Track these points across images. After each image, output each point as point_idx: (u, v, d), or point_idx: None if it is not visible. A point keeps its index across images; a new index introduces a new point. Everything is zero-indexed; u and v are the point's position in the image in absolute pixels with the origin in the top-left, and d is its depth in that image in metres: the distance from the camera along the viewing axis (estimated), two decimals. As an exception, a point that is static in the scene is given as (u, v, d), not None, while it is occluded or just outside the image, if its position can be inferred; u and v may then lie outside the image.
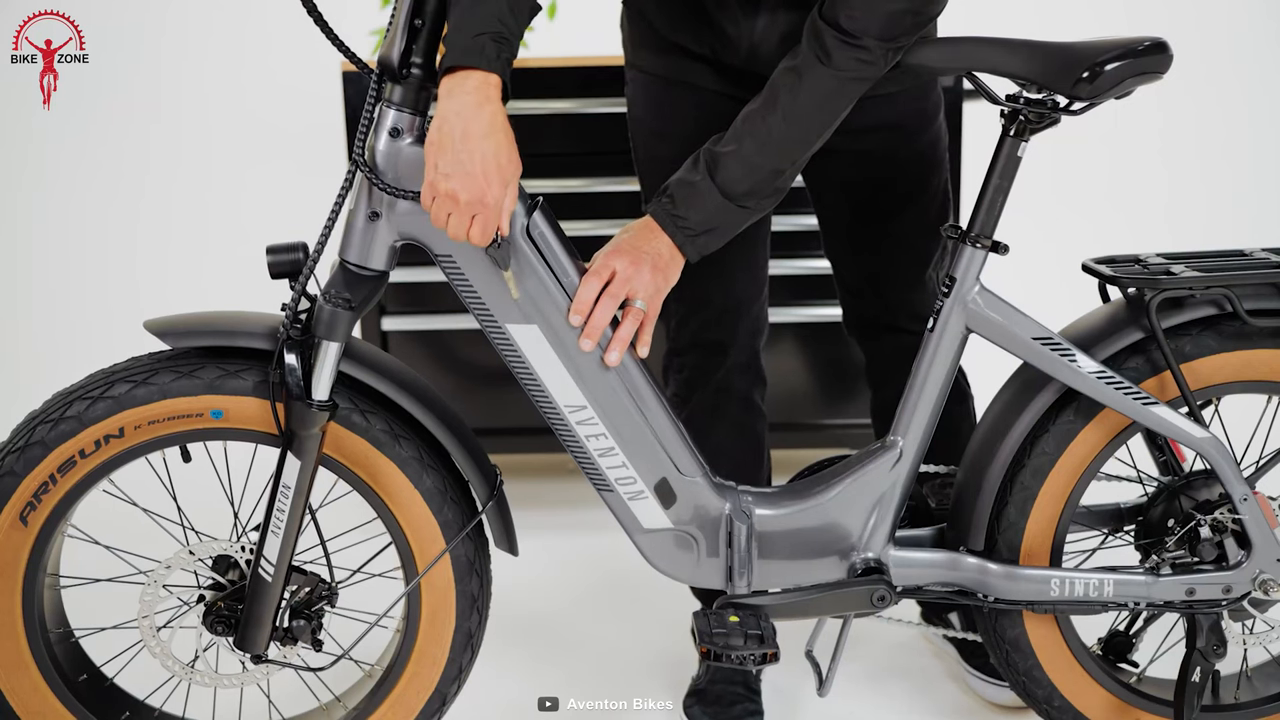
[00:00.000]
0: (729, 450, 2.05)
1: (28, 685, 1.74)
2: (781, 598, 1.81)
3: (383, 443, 1.72)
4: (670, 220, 1.70)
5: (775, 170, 1.70)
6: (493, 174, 1.51)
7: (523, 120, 2.87)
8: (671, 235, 1.70)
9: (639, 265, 1.67)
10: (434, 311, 2.95)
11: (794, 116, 1.68)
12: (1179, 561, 1.82)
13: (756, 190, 1.70)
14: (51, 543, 1.72)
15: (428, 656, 1.80)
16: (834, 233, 2.10)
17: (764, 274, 2.10)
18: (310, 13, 1.59)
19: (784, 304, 2.80)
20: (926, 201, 2.02)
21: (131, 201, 4.28)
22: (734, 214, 1.71)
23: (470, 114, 1.50)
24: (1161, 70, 1.64)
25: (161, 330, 1.68)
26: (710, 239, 1.71)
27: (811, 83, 1.67)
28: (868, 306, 2.12)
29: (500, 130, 1.52)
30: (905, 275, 2.04)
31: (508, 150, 1.53)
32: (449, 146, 1.50)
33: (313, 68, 3.54)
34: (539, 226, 1.64)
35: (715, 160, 1.70)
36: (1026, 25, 2.21)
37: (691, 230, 1.70)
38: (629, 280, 1.66)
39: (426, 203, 1.53)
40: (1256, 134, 4.36)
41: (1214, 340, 1.78)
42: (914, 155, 2.00)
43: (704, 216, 1.69)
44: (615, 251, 1.68)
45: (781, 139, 1.69)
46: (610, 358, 1.67)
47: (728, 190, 1.69)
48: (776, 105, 1.68)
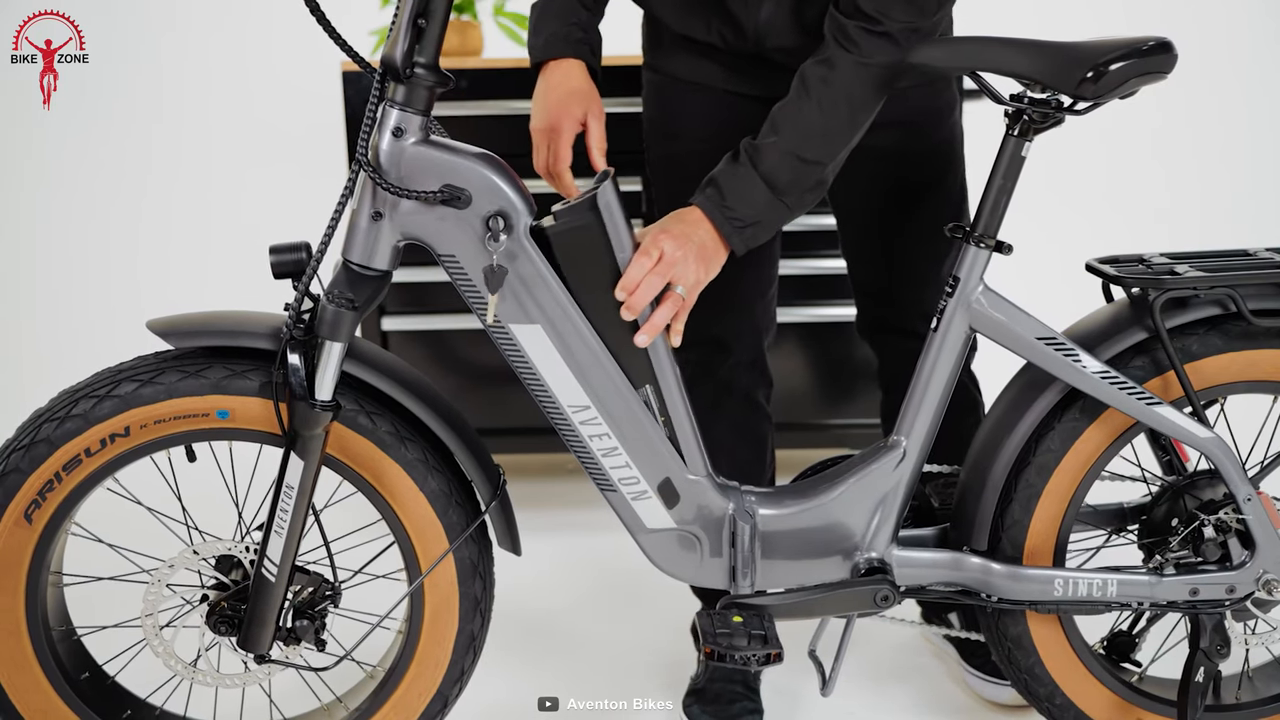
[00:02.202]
0: (729, 448, 2.05)
1: (30, 683, 1.74)
2: (785, 598, 1.81)
3: (388, 444, 1.72)
4: (719, 210, 1.70)
5: (815, 162, 1.71)
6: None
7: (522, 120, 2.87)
8: (719, 226, 1.70)
9: (686, 251, 1.67)
10: (434, 311, 2.96)
11: (830, 107, 1.69)
12: (1182, 561, 1.82)
13: (798, 182, 1.71)
14: (55, 541, 1.72)
15: (430, 658, 1.80)
16: (850, 231, 2.10)
17: (771, 272, 2.10)
18: (313, 12, 1.59)
19: (787, 304, 2.80)
20: (942, 199, 2.02)
21: (132, 201, 4.28)
22: (777, 208, 1.72)
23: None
24: (1166, 70, 1.64)
25: (164, 330, 1.68)
26: (757, 232, 1.72)
27: (843, 72, 1.68)
28: (882, 307, 2.12)
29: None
30: (920, 274, 2.04)
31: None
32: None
33: (313, 67, 3.55)
34: (607, 195, 1.64)
35: (757, 152, 1.71)
36: (1027, 25, 2.22)
37: (740, 221, 1.70)
38: (675, 264, 1.66)
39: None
40: (1257, 133, 4.37)
41: (1218, 340, 1.78)
42: (929, 152, 2.01)
43: (751, 209, 1.70)
44: (665, 233, 1.68)
45: (822, 130, 1.70)
46: (640, 339, 1.67)
47: (771, 181, 1.70)
48: (811, 96, 1.70)
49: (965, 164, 2.09)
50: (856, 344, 2.95)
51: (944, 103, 2.02)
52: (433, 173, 1.58)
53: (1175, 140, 4.31)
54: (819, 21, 1.80)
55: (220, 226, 4.23)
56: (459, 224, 1.60)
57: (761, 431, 2.13)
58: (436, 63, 1.57)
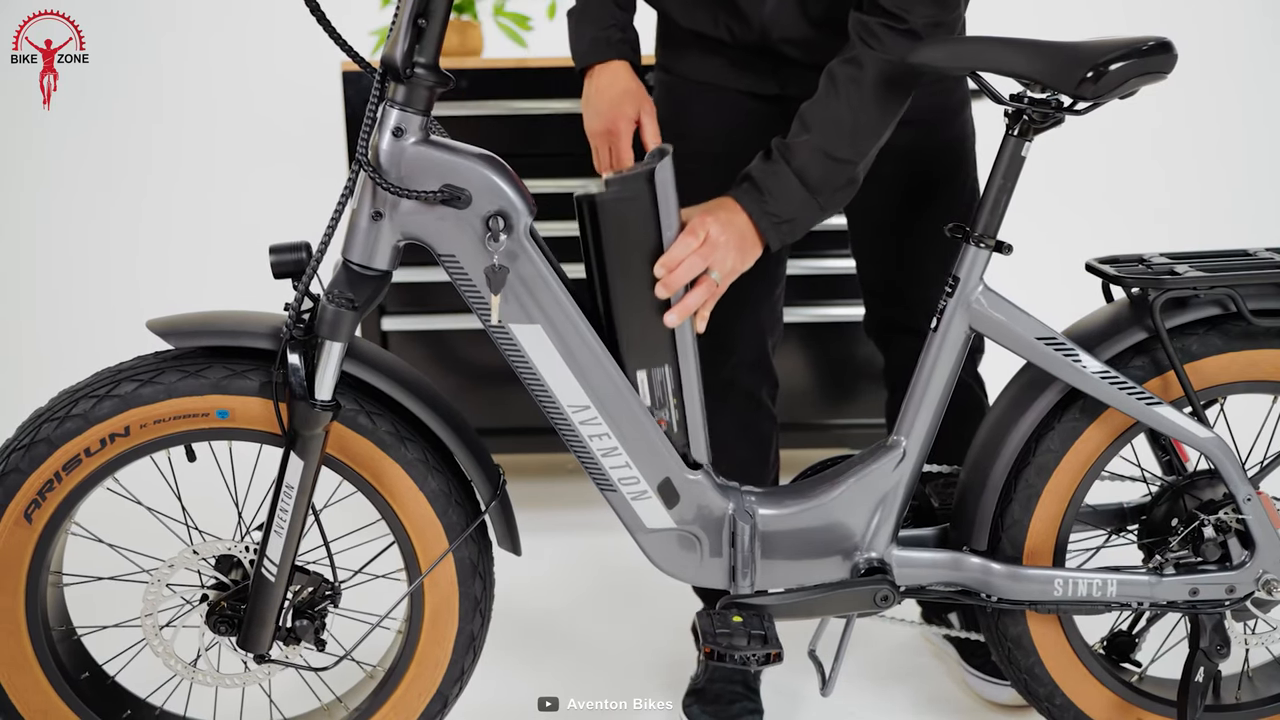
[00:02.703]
0: (730, 446, 2.05)
1: (30, 683, 1.74)
2: (785, 598, 1.81)
3: (388, 444, 1.72)
4: (758, 205, 1.71)
5: (845, 160, 1.72)
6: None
7: (523, 120, 2.89)
8: (756, 220, 1.71)
9: (729, 237, 1.68)
10: (434, 311, 2.96)
11: (859, 105, 1.70)
12: (1182, 561, 1.82)
13: (829, 180, 1.72)
14: (55, 540, 1.72)
15: (430, 658, 1.80)
16: (860, 230, 2.10)
17: (778, 272, 2.10)
18: (313, 12, 1.59)
19: (788, 303, 2.78)
20: (954, 197, 2.02)
21: (132, 201, 4.28)
22: (810, 206, 1.72)
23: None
24: (1166, 70, 1.64)
25: (164, 330, 1.68)
26: (793, 228, 1.73)
27: (871, 71, 1.69)
28: (891, 307, 2.12)
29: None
30: (931, 273, 2.03)
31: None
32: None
33: (313, 67, 3.55)
34: (665, 171, 1.65)
35: (788, 150, 1.71)
36: (1027, 25, 2.21)
37: (777, 218, 1.71)
38: (717, 248, 1.67)
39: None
40: (1256, 133, 4.37)
41: (1218, 340, 1.78)
42: (942, 150, 2.01)
43: (789, 205, 1.71)
44: (712, 216, 1.69)
45: (851, 128, 1.71)
46: (670, 318, 1.67)
47: (804, 177, 1.70)
48: (840, 95, 1.71)
49: (977, 162, 2.09)
50: (857, 344, 2.95)
51: (956, 101, 2.03)
52: (433, 173, 1.58)
53: (1175, 140, 4.31)
54: (825, 13, 1.80)
55: (220, 226, 4.23)
56: (459, 224, 1.61)
57: (764, 431, 2.13)
58: (436, 63, 1.57)
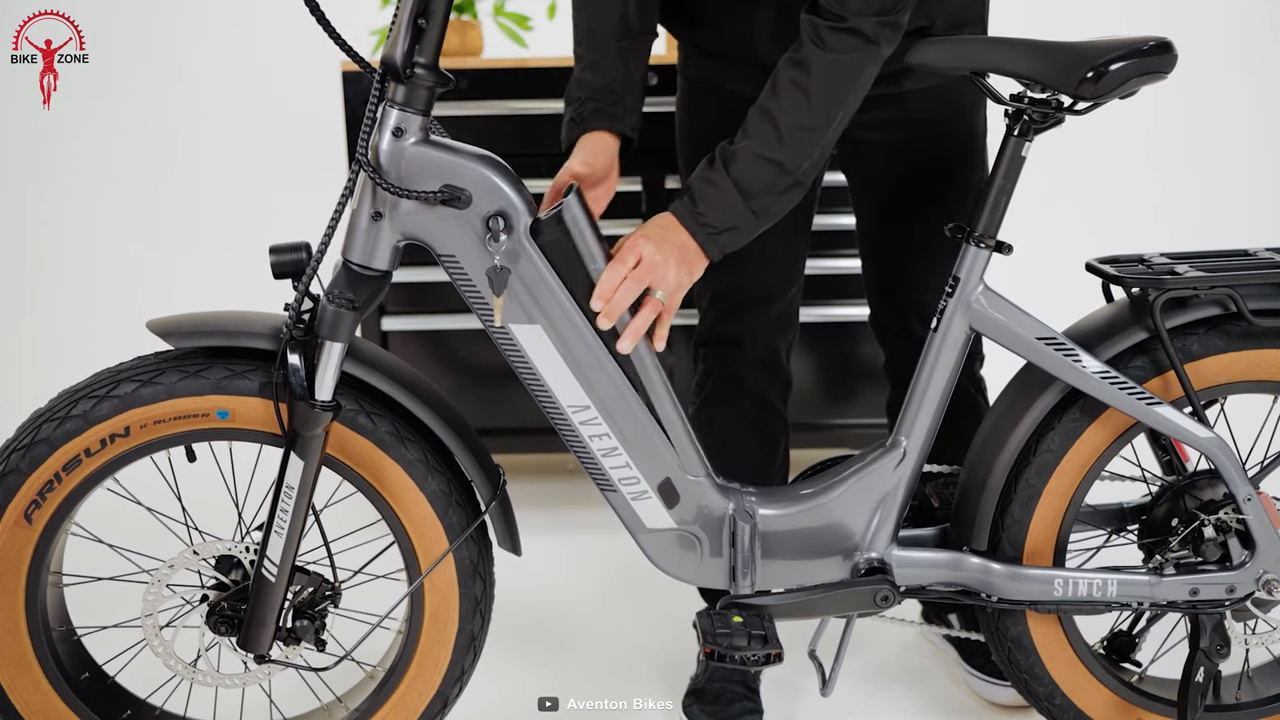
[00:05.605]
0: (735, 445, 2.05)
1: (30, 683, 1.74)
2: (785, 598, 1.81)
3: (389, 445, 1.72)
4: (691, 218, 1.69)
5: (784, 164, 1.68)
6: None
7: (522, 120, 2.89)
8: (693, 234, 1.69)
9: (666, 255, 1.66)
10: (434, 311, 2.96)
11: (801, 109, 1.67)
12: (1182, 561, 1.82)
13: (771, 186, 1.69)
14: (55, 541, 1.72)
15: (430, 658, 1.80)
16: (868, 227, 2.10)
17: (795, 270, 2.09)
18: (313, 12, 1.59)
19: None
20: (964, 195, 2.01)
21: (132, 201, 4.28)
22: (749, 214, 1.70)
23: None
24: (1166, 70, 1.64)
25: (164, 330, 1.68)
26: (732, 237, 1.70)
27: (815, 69, 1.66)
28: (897, 306, 2.12)
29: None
30: (940, 274, 2.02)
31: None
32: None
33: (313, 67, 3.55)
34: (572, 209, 1.63)
35: (729, 156, 1.69)
36: (1027, 25, 2.21)
37: (713, 228, 1.69)
38: (654, 268, 1.65)
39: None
40: (1256, 133, 4.37)
41: (1218, 340, 1.78)
42: (948, 149, 2.01)
43: (724, 214, 1.68)
44: (645, 237, 1.67)
45: (792, 132, 1.67)
46: (622, 345, 1.65)
47: (743, 186, 1.68)
48: (781, 99, 1.67)
49: (988, 164, 2.08)
50: (858, 344, 2.95)
51: (968, 101, 2.01)
52: (433, 173, 1.58)
53: (1175, 140, 4.31)
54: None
55: (220, 226, 4.23)
56: (459, 224, 1.60)
57: (771, 431, 2.13)
58: (436, 63, 1.57)
